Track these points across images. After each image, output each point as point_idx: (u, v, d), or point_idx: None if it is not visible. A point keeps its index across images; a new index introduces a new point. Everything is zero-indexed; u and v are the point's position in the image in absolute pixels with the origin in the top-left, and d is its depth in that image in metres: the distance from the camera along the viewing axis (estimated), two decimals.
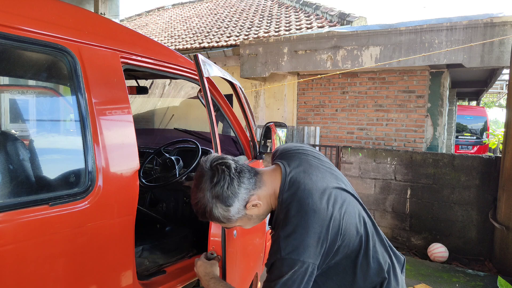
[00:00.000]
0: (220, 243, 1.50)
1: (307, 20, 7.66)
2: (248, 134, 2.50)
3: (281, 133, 2.59)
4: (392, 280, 1.27)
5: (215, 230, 1.52)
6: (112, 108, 1.50)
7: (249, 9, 10.14)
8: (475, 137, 11.11)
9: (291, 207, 1.14)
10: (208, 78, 2.17)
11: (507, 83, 5.48)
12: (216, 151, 1.55)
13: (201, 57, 1.57)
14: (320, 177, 1.21)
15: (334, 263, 1.19)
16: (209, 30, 8.88)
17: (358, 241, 1.20)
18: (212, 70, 1.78)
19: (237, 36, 7.59)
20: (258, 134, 6.96)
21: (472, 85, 8.54)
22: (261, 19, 8.66)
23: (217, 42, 7.58)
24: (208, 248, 1.56)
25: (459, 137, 10.88)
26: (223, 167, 1.17)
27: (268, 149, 2.55)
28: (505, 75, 8.26)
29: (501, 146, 6.07)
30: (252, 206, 1.20)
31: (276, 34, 7.00)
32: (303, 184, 1.17)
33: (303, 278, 1.09)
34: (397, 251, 1.40)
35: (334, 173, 1.30)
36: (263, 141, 2.54)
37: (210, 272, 1.40)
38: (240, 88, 2.49)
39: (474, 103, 14.48)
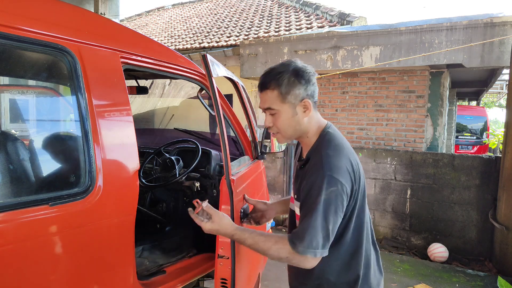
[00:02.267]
0: (229, 243, 1.50)
1: (307, 20, 7.66)
2: (249, 134, 2.50)
3: None
4: (377, 271, 1.41)
5: None
6: (112, 108, 1.50)
7: (249, 9, 10.14)
8: (475, 137, 11.11)
9: (333, 138, 1.31)
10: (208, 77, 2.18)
11: (507, 83, 5.48)
12: (225, 151, 1.54)
13: (209, 57, 1.56)
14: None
15: (346, 229, 1.29)
16: (209, 30, 8.88)
17: (363, 217, 1.33)
18: (220, 70, 1.79)
19: (237, 36, 7.59)
20: (258, 134, 6.96)
21: (472, 85, 8.54)
22: (261, 19, 8.66)
23: (217, 42, 7.58)
24: (216, 250, 1.53)
25: (459, 137, 10.88)
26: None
27: (268, 149, 2.54)
28: (505, 75, 8.25)
29: (501, 146, 6.07)
30: (304, 107, 1.30)
31: (276, 34, 7.00)
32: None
33: (341, 198, 1.21)
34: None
35: None
36: (265, 142, 2.54)
37: (232, 223, 1.38)
38: (243, 88, 2.48)
39: (474, 103, 14.48)
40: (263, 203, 1.69)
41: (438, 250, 4.43)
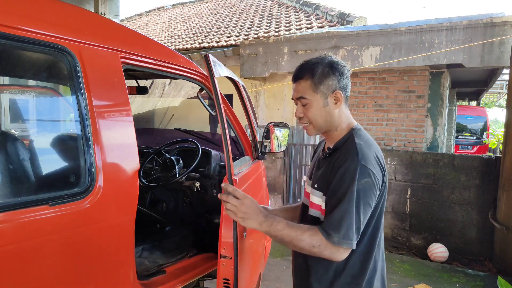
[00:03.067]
0: (232, 244, 1.46)
1: (307, 20, 7.66)
2: (249, 134, 2.50)
3: (278, 133, 2.59)
4: (380, 279, 1.36)
5: (226, 231, 1.49)
6: (112, 108, 1.50)
7: (249, 9, 10.14)
8: (475, 137, 11.11)
9: (364, 134, 1.34)
10: (207, 77, 2.18)
11: (507, 83, 5.48)
12: (227, 152, 1.53)
13: (211, 57, 1.55)
14: None
15: (367, 227, 1.26)
16: (209, 30, 8.88)
17: (381, 220, 1.31)
18: (222, 70, 1.78)
19: (237, 36, 7.59)
20: (258, 134, 6.95)
21: (472, 85, 8.54)
22: (261, 19, 8.66)
23: (217, 42, 7.58)
24: (219, 250, 1.48)
25: (459, 137, 10.88)
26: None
27: (267, 149, 2.54)
28: (505, 75, 8.25)
29: (501, 146, 6.07)
30: (335, 98, 1.31)
31: (276, 34, 7.00)
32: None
33: (374, 190, 1.20)
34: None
35: None
36: (265, 142, 2.53)
37: (261, 209, 1.30)
38: (244, 88, 2.48)
39: (474, 103, 14.47)
40: (263, 207, 1.65)
41: (438, 250, 4.43)
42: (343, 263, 1.25)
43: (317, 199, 1.31)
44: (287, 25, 7.59)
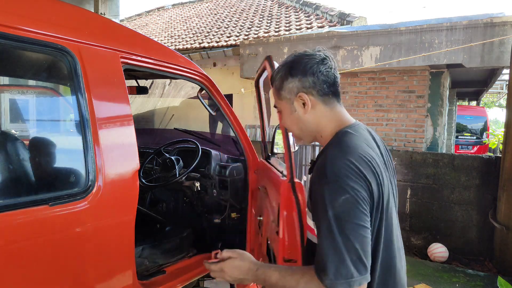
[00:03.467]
0: (298, 246, 1.38)
1: (307, 20, 7.66)
2: (260, 135, 2.48)
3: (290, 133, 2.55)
4: None
5: (289, 234, 1.43)
6: (112, 108, 1.50)
7: (249, 9, 10.14)
8: (475, 137, 11.10)
9: (349, 138, 1.06)
10: (208, 78, 2.18)
11: (507, 83, 5.48)
12: (289, 151, 1.44)
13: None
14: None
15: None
16: (209, 30, 8.88)
17: (391, 232, 1.07)
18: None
19: (237, 36, 7.59)
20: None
21: (472, 85, 8.54)
22: (261, 19, 8.66)
23: (217, 42, 7.58)
24: (282, 254, 1.39)
25: (459, 137, 10.87)
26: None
27: (279, 149, 2.51)
28: (505, 75, 8.25)
29: (501, 146, 6.07)
30: (304, 101, 1.09)
31: (276, 34, 7.00)
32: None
33: (359, 206, 0.94)
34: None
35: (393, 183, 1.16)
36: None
37: (250, 263, 1.12)
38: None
39: (474, 103, 14.47)
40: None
41: (438, 250, 4.43)
42: None
43: (311, 222, 1.15)
44: (287, 25, 7.59)
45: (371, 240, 0.97)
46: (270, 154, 2.35)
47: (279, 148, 2.28)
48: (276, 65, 1.45)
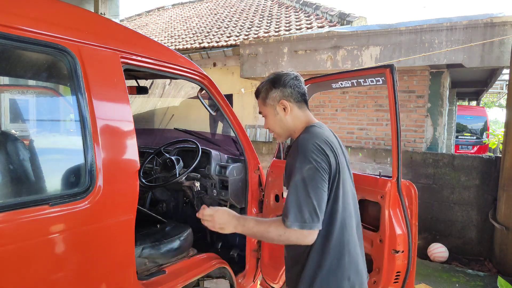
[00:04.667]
0: (406, 238, 1.60)
1: (307, 20, 7.66)
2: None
3: None
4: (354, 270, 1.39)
5: (398, 227, 1.64)
6: (112, 108, 1.50)
7: (249, 9, 10.14)
8: (475, 137, 11.10)
9: (314, 129, 1.43)
10: (208, 78, 2.18)
11: (507, 83, 5.48)
12: (398, 149, 1.73)
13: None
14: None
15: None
16: (209, 30, 8.88)
17: (337, 206, 1.37)
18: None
19: (237, 36, 7.59)
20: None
21: (472, 85, 8.54)
22: (261, 19, 8.66)
23: (217, 42, 7.58)
24: (391, 246, 1.62)
25: (459, 137, 10.87)
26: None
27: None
28: (505, 75, 8.25)
29: (501, 146, 6.07)
30: (283, 107, 1.47)
31: (276, 34, 7.00)
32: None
33: (319, 174, 1.29)
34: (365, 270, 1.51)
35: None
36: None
37: (234, 214, 1.42)
38: None
39: (474, 103, 14.47)
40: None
41: (438, 250, 4.43)
42: (308, 247, 1.35)
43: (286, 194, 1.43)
44: (287, 25, 7.58)
45: (330, 200, 1.34)
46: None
47: None
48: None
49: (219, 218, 1.41)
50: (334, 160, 1.34)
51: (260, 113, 1.56)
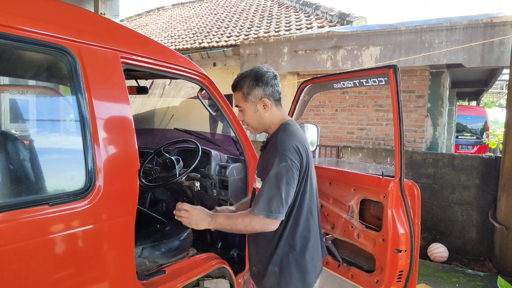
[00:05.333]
0: (408, 238, 1.64)
1: (307, 20, 7.66)
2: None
3: (309, 133, 2.57)
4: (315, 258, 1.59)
5: (401, 226, 1.66)
6: (112, 108, 1.50)
7: (249, 9, 10.14)
8: (475, 137, 11.10)
9: (290, 127, 1.59)
10: (208, 78, 2.18)
11: (507, 83, 5.48)
12: (401, 149, 1.71)
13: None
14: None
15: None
16: (209, 30, 8.88)
17: (304, 198, 1.56)
18: None
19: (237, 36, 7.59)
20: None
21: (472, 85, 8.54)
22: (261, 19, 8.66)
23: (217, 42, 7.58)
24: (393, 246, 1.67)
25: (459, 137, 10.87)
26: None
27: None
28: (505, 75, 8.25)
29: (501, 146, 6.07)
30: (264, 105, 1.59)
31: (276, 34, 7.00)
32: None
33: (291, 172, 1.46)
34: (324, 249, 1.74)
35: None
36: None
37: (208, 212, 1.56)
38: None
39: (474, 103, 14.47)
40: (229, 209, 1.84)
41: (438, 250, 4.43)
42: (281, 233, 1.53)
43: (259, 185, 1.57)
44: (287, 25, 7.58)
45: (300, 192, 1.52)
46: None
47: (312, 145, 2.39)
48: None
49: (196, 215, 1.53)
50: (305, 158, 1.51)
51: (236, 106, 1.64)
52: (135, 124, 1.56)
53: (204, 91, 2.18)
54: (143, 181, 2.51)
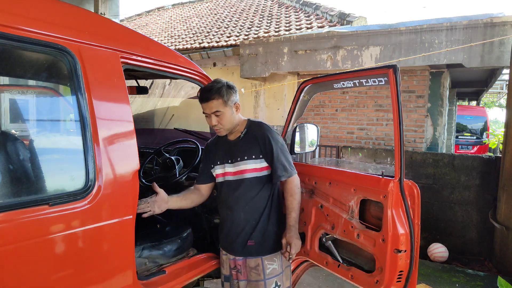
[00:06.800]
0: (408, 238, 1.66)
1: (307, 20, 7.66)
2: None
3: (308, 133, 2.55)
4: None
5: (400, 226, 1.67)
6: (112, 108, 1.50)
7: (249, 9, 10.14)
8: (475, 137, 11.10)
9: (254, 119, 2.03)
10: (208, 78, 2.18)
11: (507, 83, 5.48)
12: (401, 148, 1.74)
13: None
14: None
15: None
16: (209, 30, 8.88)
17: None
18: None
19: (237, 36, 7.59)
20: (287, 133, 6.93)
21: (472, 85, 8.54)
22: (261, 19, 8.66)
23: (217, 42, 7.58)
24: (393, 246, 1.68)
25: (459, 137, 10.87)
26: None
27: (305, 149, 2.54)
28: (505, 75, 8.25)
29: (501, 146, 6.08)
30: (236, 107, 1.93)
31: (276, 34, 7.00)
32: None
33: (283, 141, 1.99)
34: None
35: None
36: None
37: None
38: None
39: (474, 103, 14.47)
40: (165, 195, 1.96)
41: (438, 250, 4.43)
42: (264, 207, 1.93)
43: (251, 165, 1.89)
44: (287, 25, 7.59)
45: None
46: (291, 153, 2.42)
47: (303, 146, 2.39)
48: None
49: (295, 243, 1.86)
50: None
51: (213, 113, 1.85)
52: (135, 124, 1.56)
53: None
54: (143, 181, 2.50)
